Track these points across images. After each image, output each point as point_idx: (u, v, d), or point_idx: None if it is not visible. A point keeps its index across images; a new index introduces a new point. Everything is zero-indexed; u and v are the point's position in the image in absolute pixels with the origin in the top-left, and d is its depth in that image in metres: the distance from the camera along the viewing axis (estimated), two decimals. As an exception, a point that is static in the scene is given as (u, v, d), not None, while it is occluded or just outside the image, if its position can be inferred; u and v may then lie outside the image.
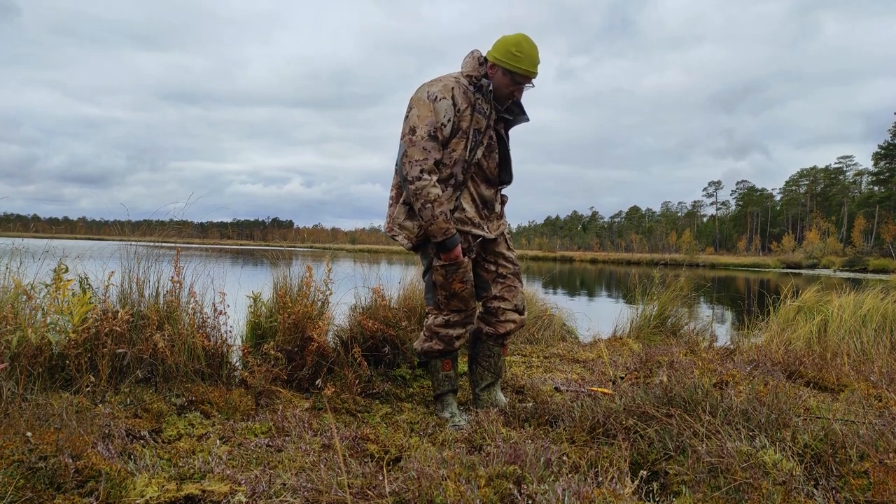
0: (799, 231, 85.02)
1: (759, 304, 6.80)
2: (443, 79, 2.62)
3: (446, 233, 2.55)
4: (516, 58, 2.56)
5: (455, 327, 2.76)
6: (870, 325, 4.56)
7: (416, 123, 2.52)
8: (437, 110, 2.52)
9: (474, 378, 2.94)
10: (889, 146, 66.37)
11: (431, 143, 2.50)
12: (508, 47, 2.57)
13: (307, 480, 1.78)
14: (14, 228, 13.31)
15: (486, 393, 2.90)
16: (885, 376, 3.31)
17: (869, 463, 1.81)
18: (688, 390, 2.32)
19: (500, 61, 2.58)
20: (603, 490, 1.62)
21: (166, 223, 3.33)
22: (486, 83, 2.60)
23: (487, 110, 2.63)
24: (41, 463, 1.72)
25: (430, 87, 2.58)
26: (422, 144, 2.49)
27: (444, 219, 2.53)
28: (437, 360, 2.82)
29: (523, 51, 2.57)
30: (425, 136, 2.49)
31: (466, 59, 2.69)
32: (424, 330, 2.81)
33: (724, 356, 4.06)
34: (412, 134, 2.52)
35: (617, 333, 5.74)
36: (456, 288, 2.69)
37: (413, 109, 2.56)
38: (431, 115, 2.51)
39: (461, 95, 2.57)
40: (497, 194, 2.83)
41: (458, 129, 2.58)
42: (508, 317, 2.84)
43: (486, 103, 2.62)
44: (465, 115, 2.58)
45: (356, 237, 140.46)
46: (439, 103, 2.52)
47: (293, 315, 3.15)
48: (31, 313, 2.62)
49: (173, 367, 2.75)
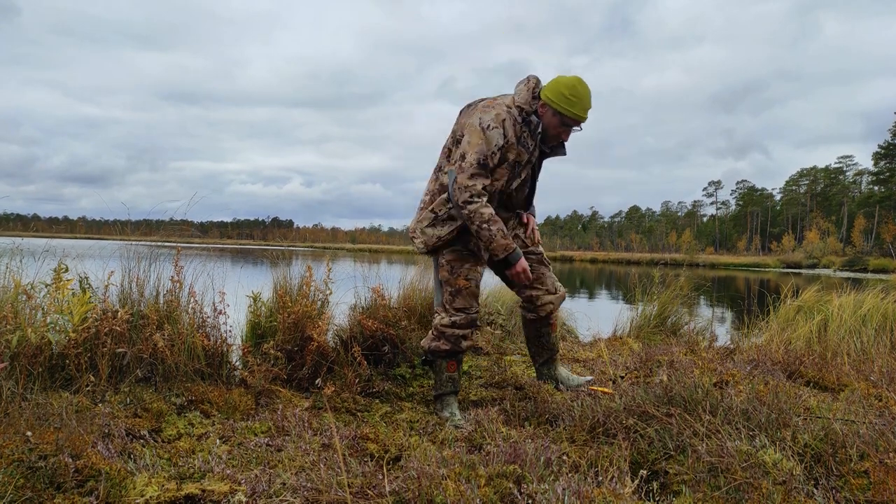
0: (799, 231, 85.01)
1: (759, 303, 6.80)
2: (496, 107, 2.64)
3: (507, 248, 2.64)
4: (569, 101, 2.60)
5: (461, 327, 2.79)
6: (870, 324, 4.56)
7: (467, 150, 2.58)
8: (488, 139, 2.57)
9: (532, 355, 3.19)
10: (889, 146, 66.35)
11: (480, 170, 2.57)
12: (562, 89, 2.60)
13: (307, 480, 1.78)
14: (14, 228, 13.32)
15: (545, 368, 3.15)
16: (886, 376, 3.31)
17: (869, 462, 1.81)
18: (688, 390, 2.32)
19: (553, 102, 2.61)
20: (603, 489, 1.62)
21: (167, 223, 3.33)
22: (535, 121, 2.65)
23: (531, 146, 2.70)
24: (41, 462, 1.72)
25: (484, 114, 2.61)
26: (471, 171, 2.56)
27: (502, 235, 2.62)
28: (442, 361, 2.83)
29: (577, 95, 2.60)
30: (474, 164, 2.56)
31: (521, 86, 2.71)
32: (432, 329, 2.86)
33: (724, 356, 4.06)
34: (462, 160, 2.58)
35: (617, 333, 5.73)
36: (461, 284, 2.76)
37: (466, 136, 2.61)
38: (482, 143, 2.56)
39: (511, 127, 2.61)
40: (513, 217, 2.94)
41: (504, 160, 2.65)
42: (545, 300, 3.00)
43: (531, 139, 2.68)
44: (512, 148, 2.64)
45: (356, 237, 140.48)
46: (491, 132, 2.57)
47: (293, 314, 3.16)
48: (31, 313, 2.62)
49: (173, 367, 2.75)
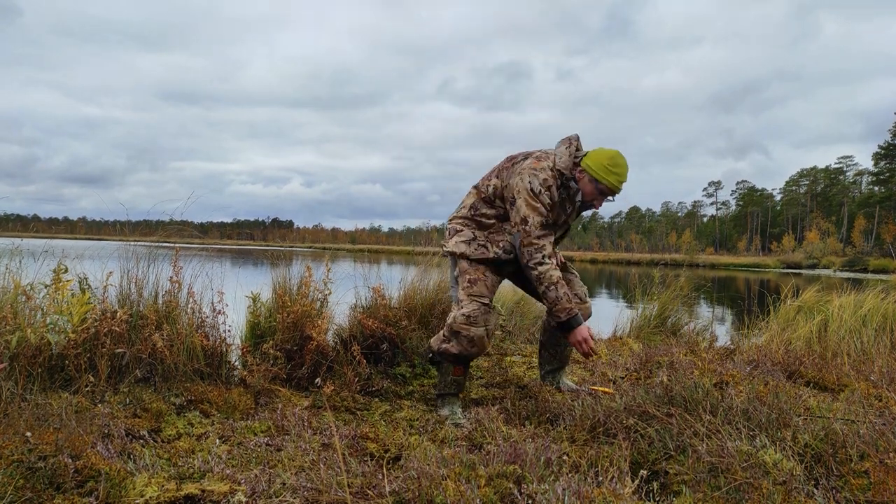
0: (799, 231, 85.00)
1: (760, 303, 6.80)
2: (542, 171, 2.75)
3: (570, 312, 2.73)
4: (607, 170, 2.71)
5: (477, 324, 2.73)
6: (870, 324, 4.56)
7: (528, 214, 2.72)
8: (543, 202, 2.74)
9: (542, 361, 3.26)
10: (889, 146, 66.36)
11: (545, 231, 2.74)
12: (603, 160, 2.72)
13: (307, 480, 1.77)
14: (14, 228, 13.33)
15: (551, 376, 3.21)
16: (886, 376, 3.31)
17: (869, 462, 1.81)
18: (688, 390, 2.32)
19: (592, 170, 2.73)
20: (603, 489, 1.61)
21: (166, 223, 3.33)
22: (574, 187, 2.81)
23: (569, 210, 2.88)
24: (41, 463, 1.72)
25: (533, 179, 2.73)
26: (537, 233, 2.72)
27: (567, 299, 2.73)
28: (449, 365, 2.82)
29: (616, 165, 2.72)
30: (538, 226, 2.72)
31: (562, 148, 2.84)
32: (445, 328, 2.81)
33: (724, 356, 4.06)
34: (525, 224, 2.72)
35: (617, 333, 5.73)
36: (479, 276, 2.82)
37: (519, 200, 2.74)
38: (539, 206, 2.73)
39: (554, 192, 2.78)
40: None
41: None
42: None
43: (569, 203, 2.86)
44: (553, 211, 2.81)
45: (356, 237, 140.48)
46: (543, 196, 2.73)
47: (292, 314, 3.15)
48: (30, 313, 2.62)
49: (172, 367, 2.75)
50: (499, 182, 2.86)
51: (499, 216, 2.88)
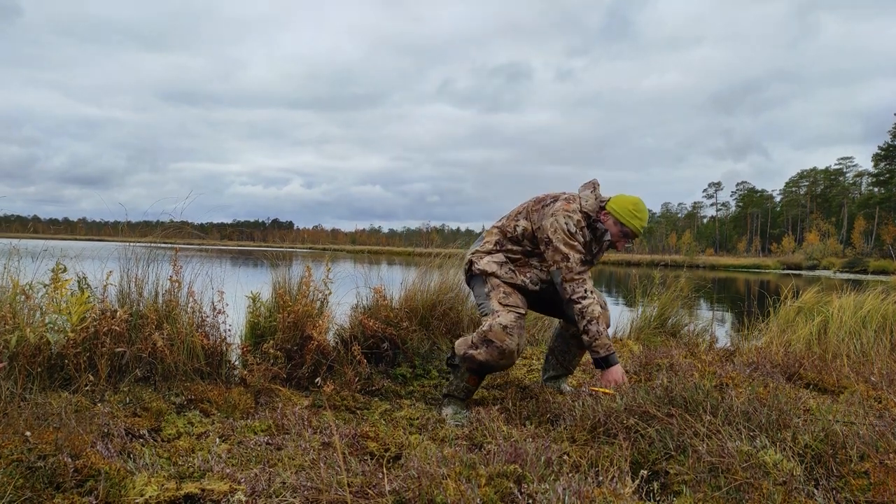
0: (799, 232, 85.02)
1: (760, 305, 6.80)
2: (574, 213, 2.90)
3: (608, 348, 2.81)
4: (632, 214, 2.89)
5: (512, 335, 2.72)
6: (870, 326, 4.56)
7: (568, 253, 2.85)
8: (579, 241, 2.88)
9: (547, 366, 3.32)
10: (889, 147, 66.37)
11: (584, 267, 2.88)
12: (627, 205, 2.91)
13: (307, 479, 1.77)
14: (13, 229, 13.30)
15: (553, 382, 3.27)
16: (885, 377, 3.31)
17: (869, 463, 1.81)
18: (688, 390, 2.32)
19: (617, 213, 2.91)
20: (603, 489, 1.61)
21: (165, 224, 3.33)
22: (601, 228, 2.96)
23: (595, 250, 3.02)
24: (40, 462, 1.72)
25: (568, 220, 2.88)
26: (578, 269, 2.85)
27: (607, 336, 2.83)
28: (466, 372, 2.82)
29: (640, 210, 2.91)
30: (578, 263, 2.85)
31: (587, 192, 3.00)
32: (475, 335, 2.79)
33: (724, 358, 4.06)
34: (567, 261, 2.85)
35: (617, 335, 5.73)
36: (511, 290, 2.91)
37: (556, 239, 2.87)
38: (577, 244, 2.87)
39: (585, 232, 2.93)
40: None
41: None
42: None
43: (595, 243, 3.00)
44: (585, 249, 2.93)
45: (356, 238, 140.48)
46: (578, 236, 2.88)
47: (293, 314, 3.15)
48: (29, 313, 2.62)
49: (172, 366, 2.75)
50: (528, 224, 2.98)
51: (525, 252, 3.00)
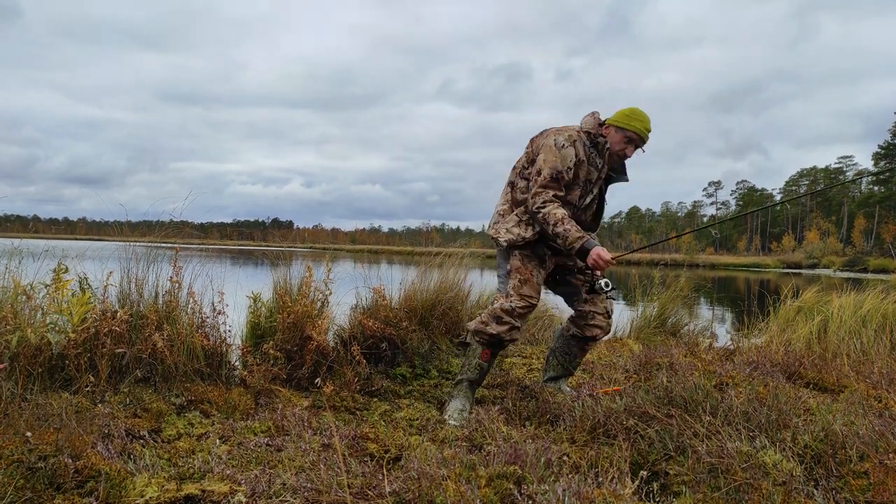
0: (799, 231, 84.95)
1: (759, 304, 6.79)
2: (568, 129, 2.97)
3: (581, 239, 2.81)
4: (629, 118, 2.90)
5: (518, 317, 2.87)
6: (870, 325, 4.56)
7: (542, 167, 2.90)
8: (562, 157, 2.89)
9: (547, 367, 3.33)
10: (889, 146, 66.30)
11: (553, 183, 2.89)
12: (624, 112, 2.94)
13: (307, 480, 1.77)
14: (14, 229, 13.32)
15: (553, 382, 3.26)
16: (885, 377, 3.31)
17: (869, 463, 1.81)
18: (688, 391, 2.32)
19: (615, 122, 2.93)
20: (603, 490, 1.61)
21: (165, 224, 3.33)
22: (602, 140, 2.95)
23: (600, 164, 2.98)
24: (41, 463, 1.72)
25: (557, 135, 2.93)
26: (543, 184, 2.88)
27: (576, 230, 2.82)
28: (478, 346, 2.89)
29: (637, 114, 2.91)
30: (548, 178, 2.88)
31: (587, 118, 3.04)
32: (486, 313, 2.92)
33: (724, 357, 4.06)
34: (538, 175, 2.90)
35: (617, 334, 5.73)
36: (528, 276, 2.95)
37: (541, 155, 2.92)
38: (556, 160, 2.88)
39: (581, 148, 2.93)
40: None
41: (576, 177, 2.94)
42: (597, 321, 3.10)
43: (599, 158, 2.97)
44: (583, 167, 2.94)
45: (356, 238, 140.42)
46: (565, 150, 2.89)
47: (293, 314, 3.15)
48: (30, 313, 2.62)
49: (172, 367, 2.75)
50: (531, 150, 3.05)
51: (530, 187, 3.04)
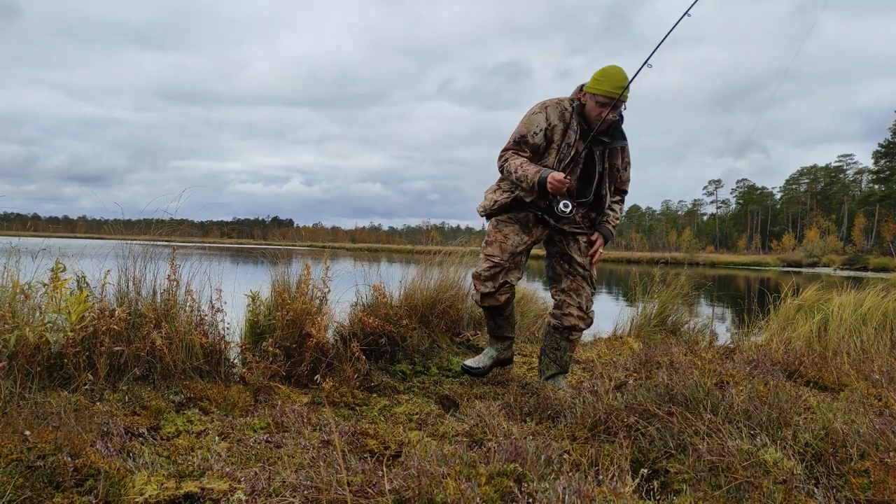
0: (799, 229, 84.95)
1: (760, 302, 6.79)
2: (547, 100, 3.12)
3: (537, 173, 2.94)
4: (598, 82, 2.95)
5: (484, 281, 3.16)
6: (870, 323, 4.55)
7: (513, 133, 3.11)
8: (529, 121, 3.07)
9: (542, 367, 3.34)
10: (889, 144, 66.26)
11: (515, 146, 3.09)
12: (595, 76, 2.99)
13: (307, 478, 1.77)
14: (13, 228, 13.26)
15: (550, 382, 3.24)
16: (886, 375, 3.31)
17: (869, 462, 1.81)
18: (689, 389, 2.31)
19: (588, 88, 3.01)
20: (603, 488, 1.61)
21: (165, 222, 3.32)
22: (577, 105, 3.06)
23: (576, 127, 3.05)
24: (40, 461, 1.72)
25: (534, 106, 3.11)
26: (506, 146, 3.12)
27: (533, 168, 2.96)
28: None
29: (605, 75, 2.95)
30: (512, 141, 3.10)
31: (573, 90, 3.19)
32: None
33: (724, 356, 4.05)
34: (509, 137, 3.13)
35: (617, 332, 5.73)
36: (497, 237, 3.16)
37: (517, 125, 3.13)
38: (523, 125, 3.07)
39: (555, 113, 3.04)
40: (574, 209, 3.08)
41: (550, 141, 3.04)
42: (571, 311, 3.19)
43: (583, 122, 3.04)
44: (557, 131, 3.03)
45: (356, 236, 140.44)
46: (533, 116, 3.06)
47: (292, 312, 3.15)
48: (28, 312, 2.61)
49: (171, 365, 2.74)
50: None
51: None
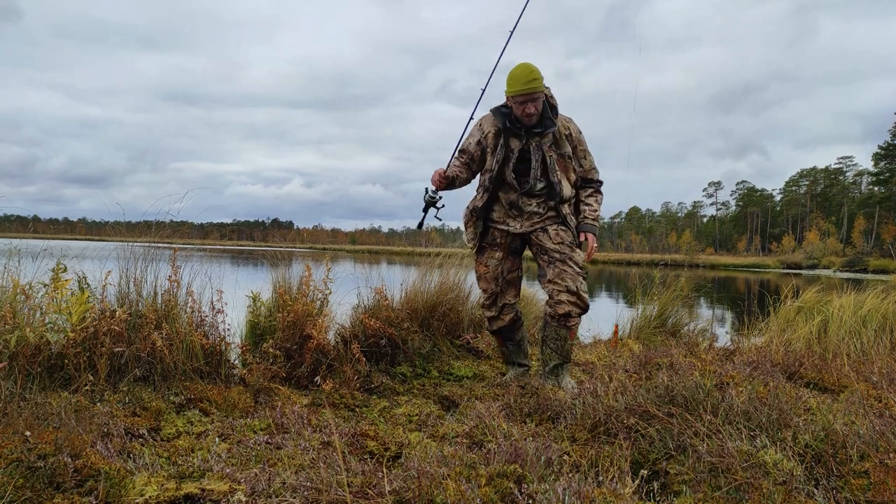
0: (799, 231, 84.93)
1: (760, 304, 6.79)
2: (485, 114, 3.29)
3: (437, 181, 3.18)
4: (510, 84, 3.08)
5: (486, 308, 3.37)
6: (870, 325, 4.55)
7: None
8: (469, 135, 3.29)
9: (544, 359, 3.31)
10: (889, 146, 66.20)
11: (457, 154, 3.29)
12: (507, 79, 3.11)
13: (307, 479, 1.77)
14: (14, 229, 13.22)
15: (553, 374, 3.23)
16: (886, 377, 3.31)
17: (869, 463, 1.81)
18: (689, 390, 2.31)
19: (506, 92, 3.14)
20: (603, 489, 1.61)
21: (165, 224, 3.32)
22: (505, 110, 3.19)
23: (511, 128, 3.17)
24: (40, 462, 1.72)
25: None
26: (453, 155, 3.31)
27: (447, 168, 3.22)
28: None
29: (513, 77, 3.07)
30: (456, 152, 3.29)
31: None
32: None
33: (724, 357, 4.05)
34: None
35: (617, 334, 5.72)
36: (480, 270, 3.34)
37: None
38: (466, 137, 3.29)
39: (489, 122, 3.23)
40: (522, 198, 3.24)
41: (487, 146, 3.23)
42: (561, 297, 3.18)
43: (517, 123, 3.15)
44: (491, 136, 3.21)
45: (356, 238, 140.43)
46: (473, 129, 3.29)
47: (292, 313, 3.15)
48: (29, 313, 2.61)
49: (171, 366, 2.75)
50: None
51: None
